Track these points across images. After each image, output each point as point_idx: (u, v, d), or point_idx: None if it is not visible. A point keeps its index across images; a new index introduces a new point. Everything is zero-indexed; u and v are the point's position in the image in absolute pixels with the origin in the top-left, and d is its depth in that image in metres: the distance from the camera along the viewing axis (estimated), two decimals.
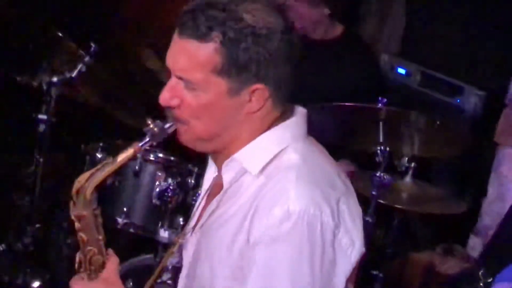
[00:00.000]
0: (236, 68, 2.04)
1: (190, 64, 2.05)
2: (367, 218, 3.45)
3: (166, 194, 3.48)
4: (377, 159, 3.48)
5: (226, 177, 2.16)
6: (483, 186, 4.53)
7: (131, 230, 3.54)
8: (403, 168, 3.66)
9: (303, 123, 2.19)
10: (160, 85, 2.19)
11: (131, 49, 4.74)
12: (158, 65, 4.27)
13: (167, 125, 2.14)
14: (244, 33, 2.02)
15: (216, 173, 2.27)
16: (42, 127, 3.76)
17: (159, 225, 3.50)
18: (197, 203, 2.34)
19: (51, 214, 4.12)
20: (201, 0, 2.06)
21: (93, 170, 2.17)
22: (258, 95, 2.08)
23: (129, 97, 4.08)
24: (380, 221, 3.83)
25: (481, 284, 3.40)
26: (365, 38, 5.13)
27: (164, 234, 3.48)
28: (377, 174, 3.47)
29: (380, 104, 3.46)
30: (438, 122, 3.50)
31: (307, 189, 2.04)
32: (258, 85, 2.07)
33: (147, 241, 3.59)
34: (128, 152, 2.16)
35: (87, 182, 2.16)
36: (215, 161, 2.23)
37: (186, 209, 3.51)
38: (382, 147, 3.47)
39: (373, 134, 3.51)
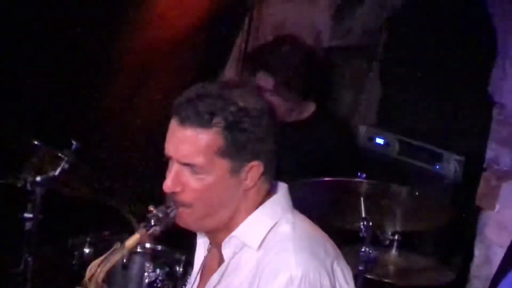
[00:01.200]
0: (236, 148, 2.21)
1: (195, 149, 2.19)
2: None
3: (155, 285, 3.50)
4: (361, 234, 3.52)
5: (227, 253, 2.28)
6: (470, 250, 4.56)
7: None
8: (387, 242, 3.70)
9: (288, 196, 2.36)
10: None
11: (114, 139, 4.81)
12: None
13: (169, 210, 2.25)
14: (241, 116, 2.21)
15: (207, 252, 2.40)
16: (28, 225, 3.78)
17: None
18: (191, 284, 2.43)
19: None
20: (193, 92, 2.23)
21: (103, 257, 2.25)
22: (253, 172, 2.24)
23: (116, 187, 4.11)
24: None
25: None
26: (342, 111, 5.23)
27: None
28: (363, 250, 3.51)
29: (359, 179, 3.51)
30: (417, 193, 3.55)
31: (305, 256, 2.21)
32: (255, 162, 2.24)
33: None
34: (135, 237, 2.24)
35: (98, 268, 2.24)
36: (212, 239, 2.35)
37: None
38: (365, 222, 3.51)
39: (355, 209, 3.55)
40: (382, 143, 4.95)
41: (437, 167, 4.74)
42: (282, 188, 2.36)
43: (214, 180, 2.21)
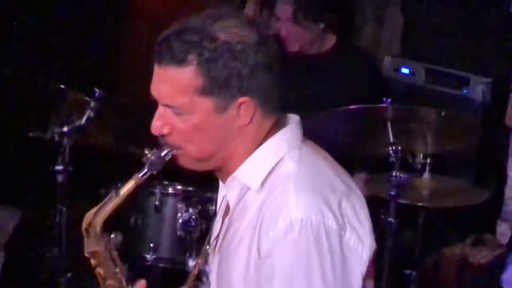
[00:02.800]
0: (218, 85, 2.07)
1: (173, 90, 2.09)
2: (389, 219, 3.47)
3: (189, 224, 3.53)
4: (390, 159, 3.50)
5: (231, 196, 2.19)
6: (503, 172, 4.54)
7: (161, 264, 3.58)
8: (419, 166, 3.68)
9: (298, 130, 2.20)
10: None
11: (137, 85, 4.80)
12: None
13: (163, 153, 2.16)
14: (220, 51, 2.06)
15: (225, 194, 2.29)
16: (60, 177, 3.81)
17: (187, 255, 3.54)
18: (214, 225, 2.37)
19: (82, 262, 4.15)
20: (175, 27, 2.11)
21: (98, 206, 2.22)
22: (245, 109, 2.11)
23: (143, 133, 4.12)
24: (405, 221, 3.85)
25: None
26: (365, 44, 5.18)
27: (193, 263, 3.52)
28: (393, 174, 3.49)
29: (385, 104, 3.49)
30: (443, 113, 3.51)
31: (306, 197, 2.06)
32: (243, 98, 2.10)
33: (178, 273, 3.62)
34: (130, 184, 2.19)
35: (94, 218, 2.22)
36: (221, 179, 2.25)
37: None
38: (393, 147, 3.49)
39: (383, 135, 3.53)
40: (407, 72, 4.92)
41: (465, 91, 4.71)
42: (293, 121, 2.20)
43: (199, 120, 2.09)
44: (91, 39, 4.77)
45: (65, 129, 3.71)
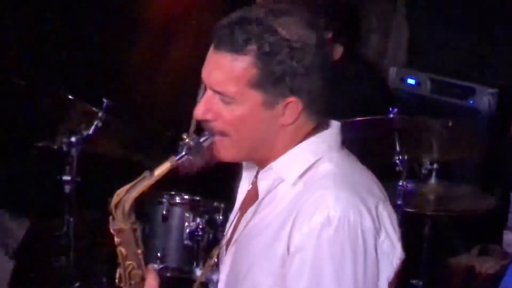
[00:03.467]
0: (271, 81, 2.06)
1: (226, 77, 2.07)
2: None
3: (196, 233, 3.54)
4: (397, 168, 3.52)
5: (262, 186, 2.18)
6: (509, 181, 4.55)
7: (168, 274, 3.59)
8: (426, 172, 3.69)
9: (338, 135, 2.21)
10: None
11: (143, 95, 4.85)
12: None
13: (202, 139, 2.15)
14: (279, 46, 2.05)
15: (250, 186, 2.29)
16: (67, 188, 3.83)
17: (194, 264, 3.55)
18: (231, 217, 2.36)
19: (90, 271, 4.18)
20: (237, 15, 2.09)
21: (131, 184, 2.17)
22: (291, 108, 2.10)
23: (150, 143, 4.15)
24: (411, 230, 3.86)
25: None
26: (370, 55, 5.20)
27: (200, 272, 3.53)
28: (400, 183, 3.51)
29: (391, 115, 3.51)
30: (450, 124, 3.53)
31: (346, 195, 2.06)
32: (292, 98, 2.09)
33: (185, 282, 3.63)
34: (165, 166, 2.14)
35: (125, 195, 2.18)
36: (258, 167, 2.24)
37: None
38: (400, 156, 3.51)
39: (389, 145, 3.55)
40: (413, 83, 4.93)
41: (471, 102, 4.71)
42: (333, 126, 2.20)
43: (246, 112, 2.08)
44: (99, 50, 4.80)
45: (73, 139, 3.74)
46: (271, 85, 2.07)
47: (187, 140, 2.16)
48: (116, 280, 2.27)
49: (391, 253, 2.11)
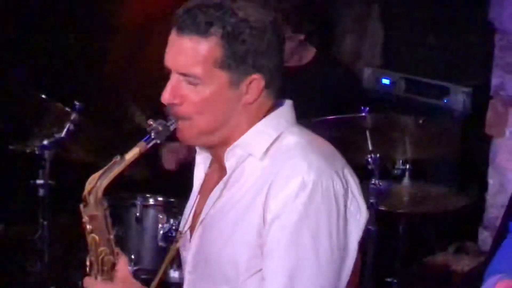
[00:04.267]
0: (236, 60, 2.15)
1: (192, 59, 2.14)
2: (369, 227, 3.48)
3: (170, 235, 3.53)
4: (369, 167, 3.53)
5: (230, 164, 2.23)
6: (484, 179, 4.57)
7: (143, 276, 3.57)
8: (399, 172, 3.70)
9: (292, 111, 2.30)
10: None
11: (117, 99, 4.84)
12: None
13: (169, 123, 2.20)
14: (241, 27, 2.14)
15: (208, 169, 2.35)
16: (41, 192, 3.82)
17: (169, 266, 3.54)
18: (190, 203, 2.41)
19: (64, 275, 4.16)
20: (196, 1, 2.18)
21: (102, 170, 2.21)
22: (254, 86, 2.18)
23: (124, 146, 4.14)
24: (386, 228, 3.87)
25: None
26: (345, 56, 5.21)
27: (174, 274, 3.52)
28: (372, 182, 3.51)
29: (363, 113, 3.51)
30: (421, 121, 3.54)
31: (317, 161, 2.16)
32: (255, 76, 2.17)
33: (160, 284, 3.62)
34: (135, 151, 2.19)
35: (97, 182, 2.22)
36: (214, 155, 2.30)
37: None
38: (372, 155, 3.51)
39: (362, 143, 3.56)
40: (388, 83, 4.95)
41: (445, 101, 4.74)
42: (287, 104, 2.30)
43: (213, 92, 2.16)
44: (72, 51, 4.79)
45: (45, 142, 3.73)
46: (236, 64, 2.15)
47: (154, 125, 2.19)
48: (87, 268, 2.29)
49: (357, 213, 2.20)
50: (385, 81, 4.95)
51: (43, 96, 3.79)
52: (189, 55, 2.14)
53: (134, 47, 4.88)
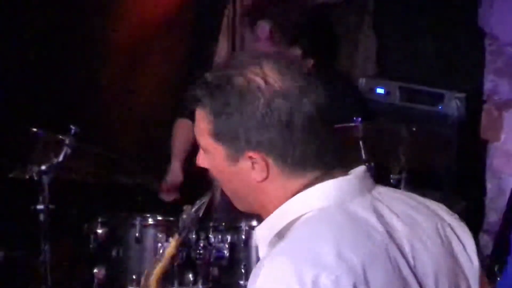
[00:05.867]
0: (224, 135, 1.96)
1: (197, 129, 2.03)
2: None
3: None
4: None
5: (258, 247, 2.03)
6: (482, 184, 4.59)
7: None
8: (394, 182, 3.71)
9: (341, 186, 1.93)
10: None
11: (113, 120, 4.87)
12: None
13: (194, 208, 2.31)
14: (230, 100, 1.93)
15: None
16: (42, 217, 3.84)
17: (170, 284, 3.57)
18: None
19: None
20: (208, 73, 2.02)
21: (147, 271, 2.40)
22: (259, 163, 1.93)
23: (122, 167, 4.17)
24: None
25: (498, 279, 3.44)
26: (340, 66, 5.23)
27: None
28: None
29: (355, 123, 3.54)
30: (414, 129, 3.56)
31: (280, 265, 1.81)
32: (251, 153, 1.93)
33: None
34: (172, 244, 2.37)
35: (146, 281, 2.39)
36: None
37: (193, 265, 3.58)
38: (366, 164, 3.53)
39: (355, 153, 3.58)
40: (383, 92, 4.97)
41: (440, 107, 4.76)
42: (338, 179, 1.93)
43: (217, 164, 1.99)
44: (65, 76, 4.82)
45: (43, 167, 3.75)
46: (227, 139, 1.95)
47: (184, 216, 2.35)
48: None
49: None
50: (380, 90, 4.97)
51: (35, 130, 3.80)
52: (196, 126, 2.02)
53: (128, 69, 4.92)
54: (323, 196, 1.90)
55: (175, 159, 4.32)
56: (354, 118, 3.56)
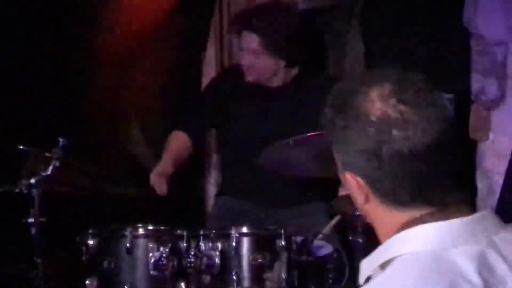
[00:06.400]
0: (335, 146, 1.89)
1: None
2: (358, 239, 3.51)
3: (161, 262, 3.56)
4: None
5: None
6: (473, 185, 4.59)
7: None
8: None
9: (440, 232, 1.80)
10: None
11: (103, 131, 4.87)
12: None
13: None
14: (333, 123, 1.87)
15: None
16: (33, 230, 3.85)
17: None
18: None
19: None
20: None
21: None
22: (356, 184, 1.87)
23: (112, 177, 4.17)
24: (378, 240, 3.89)
25: None
26: (328, 71, 5.24)
27: None
28: None
29: None
30: None
31: None
32: (348, 174, 1.86)
33: None
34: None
35: None
36: None
37: (184, 273, 3.59)
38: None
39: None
40: None
41: None
42: (460, 222, 1.81)
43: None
44: (53, 89, 4.82)
45: (32, 181, 3.76)
46: (334, 148, 1.89)
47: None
48: None
49: None
50: None
51: (22, 147, 3.80)
52: None
53: (115, 81, 4.93)
54: (422, 239, 1.79)
55: (166, 157, 4.29)
56: None
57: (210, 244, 3.58)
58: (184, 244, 3.61)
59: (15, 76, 4.66)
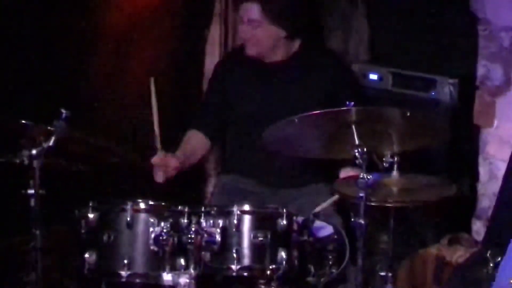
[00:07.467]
0: None
1: None
2: (360, 221, 3.49)
3: (161, 238, 3.53)
4: (356, 161, 3.52)
5: None
6: (475, 170, 4.58)
7: (136, 280, 3.58)
8: (388, 165, 3.69)
9: None
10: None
11: (103, 106, 4.86)
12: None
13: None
14: None
15: None
16: (32, 202, 3.82)
17: (161, 269, 3.55)
18: None
19: (59, 285, 4.17)
20: None
21: None
22: None
23: (113, 153, 4.14)
24: (380, 223, 3.88)
25: (491, 264, 3.44)
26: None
27: (167, 277, 3.53)
28: (361, 176, 3.51)
29: (347, 107, 3.52)
30: (408, 113, 3.53)
31: None
32: None
33: None
34: None
35: None
36: None
37: (184, 249, 3.56)
38: (359, 149, 3.51)
39: (348, 138, 3.56)
40: (375, 78, 4.97)
41: (433, 93, 4.76)
42: None
43: None
44: (52, 63, 4.80)
45: (34, 152, 3.72)
46: None
47: None
48: None
49: None
50: (373, 76, 4.97)
51: (24, 121, 3.77)
52: None
53: (117, 58, 4.90)
54: None
55: (178, 152, 4.28)
56: (347, 103, 3.53)
57: (211, 221, 3.55)
58: (185, 220, 3.58)
59: (16, 48, 4.62)
